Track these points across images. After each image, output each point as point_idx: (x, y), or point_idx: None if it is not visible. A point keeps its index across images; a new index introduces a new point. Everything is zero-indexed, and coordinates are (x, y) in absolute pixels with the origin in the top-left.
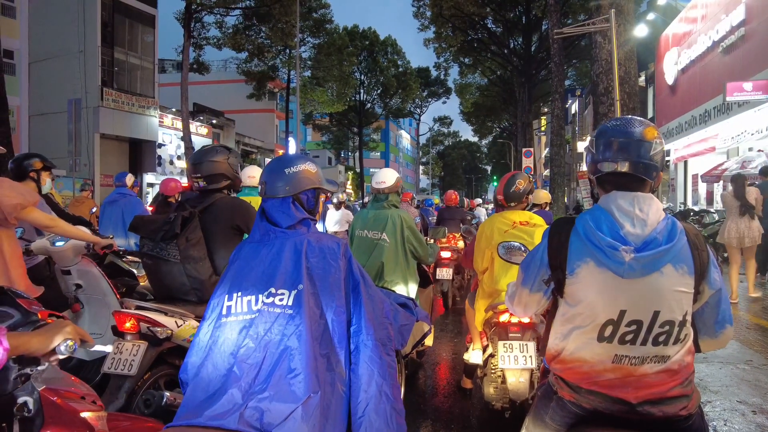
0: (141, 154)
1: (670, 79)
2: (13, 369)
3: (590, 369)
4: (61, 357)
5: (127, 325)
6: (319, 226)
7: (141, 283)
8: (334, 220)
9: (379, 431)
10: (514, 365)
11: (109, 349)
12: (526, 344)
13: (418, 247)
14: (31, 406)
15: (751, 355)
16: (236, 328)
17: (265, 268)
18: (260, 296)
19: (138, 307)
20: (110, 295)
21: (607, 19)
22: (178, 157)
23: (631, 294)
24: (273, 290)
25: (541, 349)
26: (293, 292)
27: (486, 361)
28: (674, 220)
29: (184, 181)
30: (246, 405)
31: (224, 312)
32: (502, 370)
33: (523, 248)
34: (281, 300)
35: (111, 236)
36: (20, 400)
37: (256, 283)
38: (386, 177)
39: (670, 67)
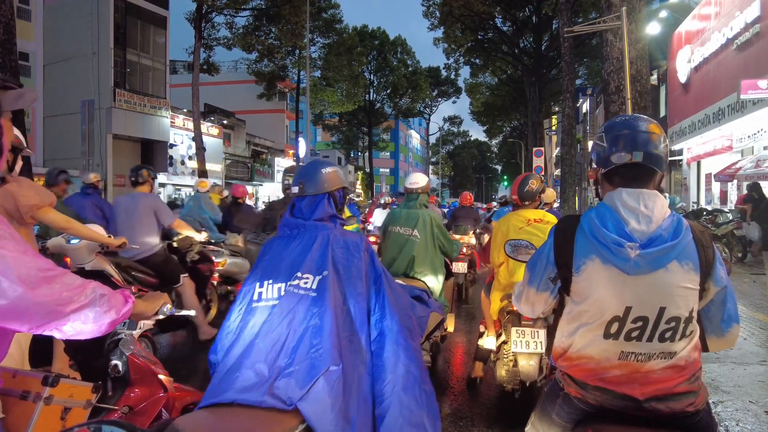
0: (153, 154)
1: (683, 77)
2: (106, 337)
3: (597, 366)
4: (161, 317)
5: None
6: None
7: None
8: (380, 219)
9: (409, 410)
10: (525, 349)
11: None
12: (537, 331)
13: (446, 243)
14: (120, 368)
15: (765, 356)
16: (265, 312)
17: (294, 258)
18: (288, 282)
19: None
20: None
21: (618, 17)
22: (189, 158)
23: (637, 290)
24: (299, 274)
25: (547, 348)
26: (318, 278)
27: (499, 347)
28: (680, 217)
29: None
30: (271, 379)
31: (255, 297)
32: (514, 354)
33: (528, 245)
34: (305, 283)
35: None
36: (113, 362)
37: (285, 272)
38: (419, 179)
39: (683, 64)
